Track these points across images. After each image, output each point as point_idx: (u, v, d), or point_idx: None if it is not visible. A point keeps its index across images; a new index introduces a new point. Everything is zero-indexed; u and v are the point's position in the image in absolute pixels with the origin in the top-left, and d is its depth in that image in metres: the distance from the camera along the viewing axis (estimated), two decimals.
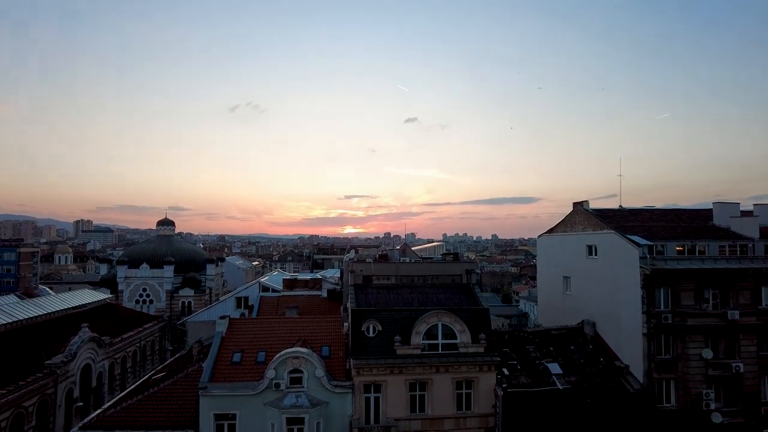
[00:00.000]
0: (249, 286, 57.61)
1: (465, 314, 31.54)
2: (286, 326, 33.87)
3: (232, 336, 32.09)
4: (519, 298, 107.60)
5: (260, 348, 31.17)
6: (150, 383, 35.30)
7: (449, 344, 30.83)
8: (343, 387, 29.25)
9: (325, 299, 47.03)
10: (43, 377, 37.53)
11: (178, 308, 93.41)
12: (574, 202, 41.78)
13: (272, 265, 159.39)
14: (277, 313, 42.97)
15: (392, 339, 30.36)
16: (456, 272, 37.72)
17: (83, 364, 43.57)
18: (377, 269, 37.58)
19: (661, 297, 33.00)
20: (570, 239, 41.10)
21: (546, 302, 46.05)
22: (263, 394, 28.33)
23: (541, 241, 46.38)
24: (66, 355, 40.61)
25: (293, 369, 28.81)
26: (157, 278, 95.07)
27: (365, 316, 31.17)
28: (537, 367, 33.11)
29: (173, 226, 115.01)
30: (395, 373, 29.92)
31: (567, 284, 41.32)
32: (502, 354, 32.80)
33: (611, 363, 33.70)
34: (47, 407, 37.92)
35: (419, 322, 30.59)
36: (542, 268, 47.18)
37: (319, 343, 31.79)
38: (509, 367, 32.67)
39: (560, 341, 35.84)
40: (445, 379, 30.30)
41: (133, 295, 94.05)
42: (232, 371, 29.53)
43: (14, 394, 33.94)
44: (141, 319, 63.98)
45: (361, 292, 34.47)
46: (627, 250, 33.88)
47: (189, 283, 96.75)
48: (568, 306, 40.77)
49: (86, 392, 43.68)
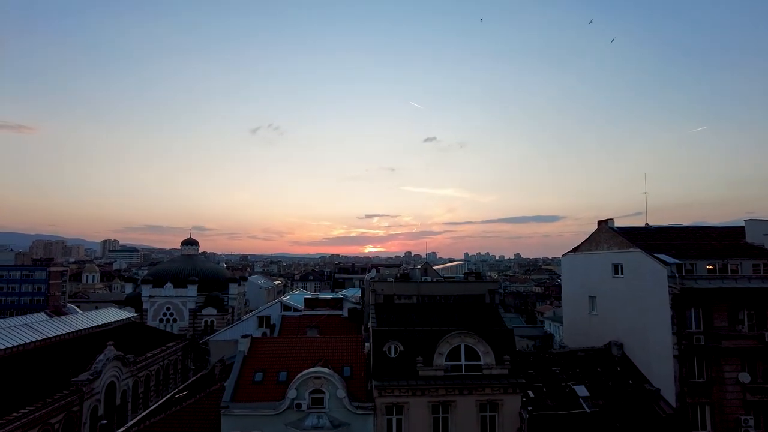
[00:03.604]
0: (271, 306, 57.83)
1: (489, 335, 30.99)
2: (307, 346, 33.76)
3: (254, 355, 32.11)
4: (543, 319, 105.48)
5: (282, 367, 31.08)
6: (173, 402, 35.44)
7: (473, 366, 30.27)
8: (365, 408, 28.88)
9: (346, 319, 46.90)
10: (70, 394, 38.02)
11: (200, 327, 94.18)
12: (598, 220, 41.15)
13: (293, 284, 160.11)
14: (299, 332, 42.94)
15: (414, 360, 29.97)
16: (479, 292, 37.26)
17: (108, 381, 44.04)
18: (398, 289, 37.38)
19: (692, 318, 31.96)
20: (595, 258, 40.31)
21: (571, 323, 45.04)
22: (285, 414, 28.16)
23: (565, 260, 45.61)
24: (92, 373, 41.14)
25: (315, 389, 28.61)
26: (180, 297, 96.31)
27: (387, 337, 30.89)
28: (563, 389, 32.23)
29: (197, 245, 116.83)
30: (417, 395, 29.45)
31: (593, 304, 40.42)
32: (527, 376, 32.06)
33: (641, 386, 32.61)
34: (73, 424, 38.31)
35: (442, 343, 30.15)
36: (567, 288, 46.29)
37: (340, 364, 31.55)
38: (534, 390, 31.87)
39: (586, 363, 34.91)
40: (469, 401, 29.68)
41: (157, 313, 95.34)
42: (253, 391, 29.47)
43: (41, 411, 34.44)
44: (164, 337, 64.61)
45: (382, 312, 34.25)
46: (654, 269, 33.04)
47: (212, 302, 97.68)
48: (594, 326, 39.81)
49: (110, 410, 44.04)
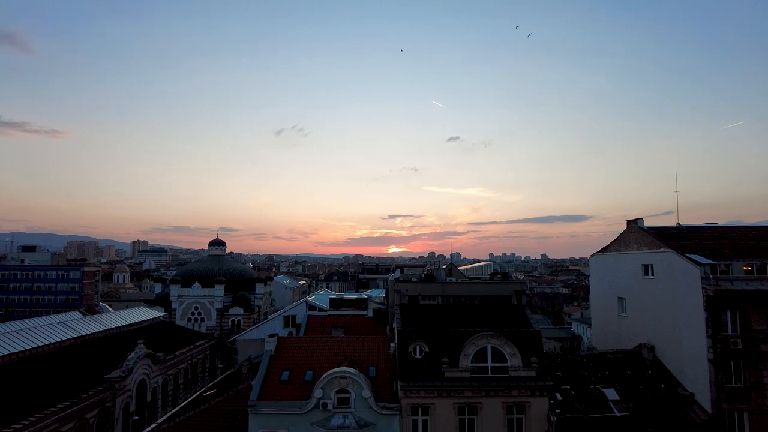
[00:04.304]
0: (296, 305, 58.31)
1: (515, 337, 30.61)
2: (332, 346, 33.95)
3: (281, 354, 32.44)
4: (571, 320, 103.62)
5: (308, 367, 31.33)
6: (201, 400, 36.10)
7: (499, 367, 29.94)
8: (391, 409, 28.86)
9: (371, 319, 46.97)
10: (103, 391, 39.11)
11: (227, 326, 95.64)
12: (627, 219, 40.29)
13: (318, 284, 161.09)
14: (324, 332, 43.24)
15: (440, 361, 29.81)
16: (505, 293, 36.80)
17: (139, 379, 45.12)
18: (423, 289, 37.20)
19: (727, 320, 30.94)
20: (624, 258, 39.44)
21: (600, 324, 44.16)
22: (311, 413, 28.36)
23: (593, 261, 44.76)
24: (123, 371, 42.20)
25: (340, 389, 28.73)
26: (208, 297, 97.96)
27: (412, 337, 30.81)
28: (592, 392, 31.62)
29: (224, 246, 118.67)
30: (443, 396, 29.28)
31: (622, 305, 39.56)
32: (555, 378, 31.56)
33: (674, 390, 31.74)
34: (106, 420, 39.38)
35: (468, 345, 29.92)
36: (595, 289, 45.40)
37: (365, 364, 31.61)
38: (562, 392, 31.36)
39: (616, 365, 34.18)
40: (496, 403, 29.37)
41: (186, 313, 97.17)
42: (280, 390, 29.77)
43: (77, 406, 35.52)
44: (193, 336, 65.88)
45: (407, 313, 34.18)
46: (687, 269, 32.13)
47: (239, 301, 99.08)
48: (623, 328, 38.96)
49: (141, 407, 45.11)
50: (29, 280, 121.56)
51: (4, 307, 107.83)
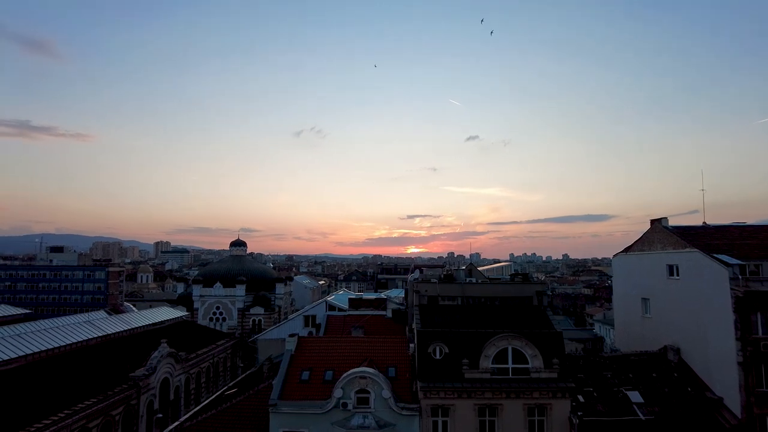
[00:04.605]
0: (316, 305, 58.65)
1: (537, 338, 30.27)
2: (352, 346, 34.03)
3: (301, 354, 32.65)
4: (593, 321, 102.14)
5: (328, 367, 31.46)
6: (223, 398, 36.55)
7: (520, 369, 29.64)
8: (410, 409, 28.80)
9: (390, 319, 46.97)
10: (128, 388, 39.88)
11: (248, 326, 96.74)
12: (651, 219, 39.53)
13: (337, 284, 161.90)
14: (343, 332, 43.38)
15: (460, 362, 29.65)
16: (526, 294, 36.43)
17: (162, 377, 45.88)
18: (442, 290, 37.04)
19: (758, 322, 30.04)
20: (648, 258, 38.67)
21: (623, 326, 43.38)
22: (331, 413, 28.48)
23: (616, 261, 44.01)
24: (147, 369, 42.97)
25: (360, 389, 28.78)
26: (229, 297, 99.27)
27: (431, 338, 30.70)
28: (615, 395, 31.07)
29: (245, 246, 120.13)
30: (464, 397, 29.11)
31: (646, 306, 38.79)
32: (577, 380, 31.10)
33: (701, 394, 31.00)
34: (131, 417, 40.15)
35: (488, 346, 29.69)
36: (618, 290, 44.63)
37: (385, 364, 31.61)
38: (585, 394, 30.88)
39: (640, 368, 33.52)
40: (516, 405, 29.08)
41: (207, 312, 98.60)
42: (300, 389, 29.96)
43: (104, 403, 36.31)
44: (214, 336, 66.75)
45: (426, 313, 34.07)
46: (714, 270, 31.35)
47: (259, 301, 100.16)
48: (647, 330, 38.20)
49: (165, 405, 45.87)
50: (57, 279, 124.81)
51: (34, 305, 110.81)
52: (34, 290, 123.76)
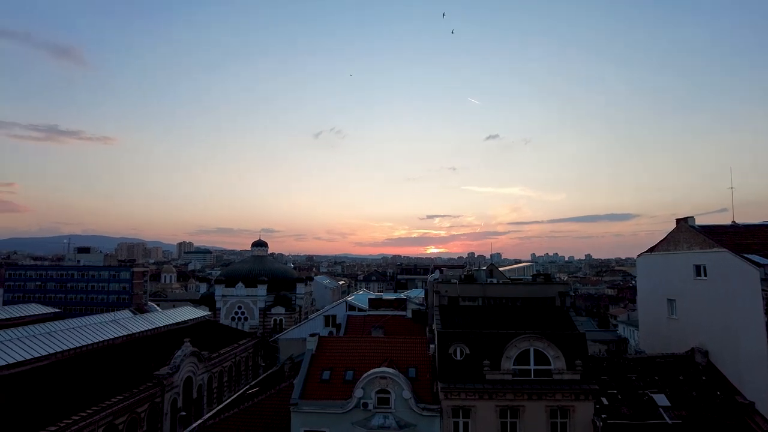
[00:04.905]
0: (336, 305, 58.93)
1: (559, 339, 29.86)
2: (372, 346, 34.07)
3: (322, 354, 32.82)
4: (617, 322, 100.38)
5: (348, 367, 31.55)
6: (245, 397, 36.96)
7: (542, 370, 29.27)
8: (431, 410, 28.70)
9: (410, 320, 46.91)
10: (152, 386, 40.62)
11: (270, 325, 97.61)
12: (677, 218, 38.63)
13: (357, 284, 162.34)
14: (363, 332, 43.47)
15: (481, 363, 29.42)
16: (548, 294, 35.95)
17: (185, 376, 46.61)
18: (463, 290, 36.79)
19: None
20: (674, 259, 37.81)
21: (648, 327, 42.51)
22: (351, 413, 28.54)
23: (640, 261, 43.12)
24: (171, 367, 43.70)
25: (380, 389, 28.78)
26: (251, 297, 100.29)
27: (452, 339, 30.54)
28: (640, 397, 30.44)
29: (266, 246, 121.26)
30: (485, 398, 28.87)
31: (672, 308, 37.93)
32: (600, 382, 30.56)
33: (731, 398, 30.17)
34: (156, 414, 40.90)
35: (510, 347, 29.41)
36: (643, 290, 43.76)
37: (405, 365, 31.57)
38: (608, 397, 30.34)
39: (666, 370, 32.78)
40: (539, 407, 28.73)
41: (229, 312, 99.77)
42: (321, 389, 30.11)
43: (130, 401, 37.08)
44: (236, 335, 67.54)
45: (446, 314, 33.89)
46: (744, 270, 30.48)
47: (280, 301, 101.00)
48: (673, 331, 37.34)
49: (188, 403, 46.61)
50: (85, 279, 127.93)
51: (63, 305, 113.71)
52: (63, 290, 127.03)
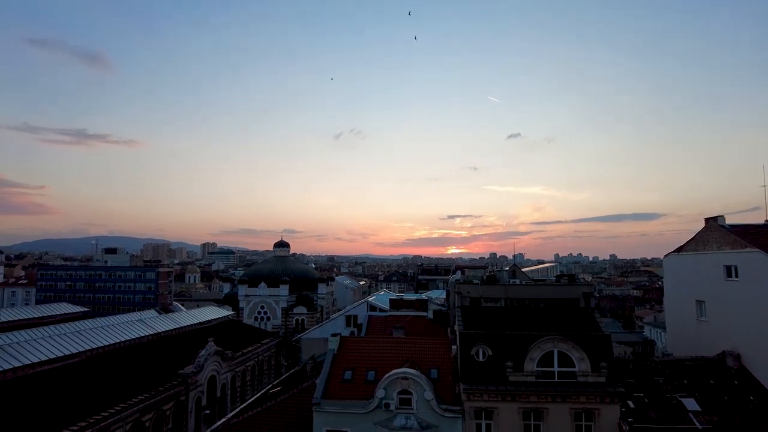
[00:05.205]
0: (357, 305, 59.00)
1: (584, 341, 29.36)
2: (394, 346, 34.00)
3: (343, 354, 32.89)
4: (643, 324, 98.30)
5: (370, 367, 31.54)
6: (268, 396, 37.30)
7: (566, 372, 28.81)
8: (453, 411, 28.52)
9: (431, 321, 46.70)
10: (178, 385, 41.34)
11: (292, 325, 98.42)
12: (705, 217, 37.66)
13: (378, 285, 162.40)
14: (385, 332, 43.45)
15: (503, 364, 29.11)
16: (572, 295, 35.41)
17: (209, 375, 47.29)
18: (485, 291, 36.50)
19: None
20: (703, 259, 36.84)
21: (676, 329, 41.54)
22: (373, 413, 28.54)
23: (668, 261, 42.14)
24: (195, 366, 44.39)
25: (402, 390, 28.71)
26: (273, 296, 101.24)
27: (474, 340, 30.30)
28: (668, 401, 29.73)
29: (288, 247, 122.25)
30: (507, 400, 28.57)
31: (701, 309, 36.96)
32: (626, 385, 29.96)
33: (765, 403, 29.23)
34: (181, 412, 41.60)
35: (533, 348, 29.03)
36: (670, 291, 42.73)
37: (427, 365, 31.42)
38: (635, 400, 29.71)
39: (696, 374, 31.94)
40: (563, 409, 28.29)
41: (252, 312, 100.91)
42: (343, 389, 30.18)
43: (156, 398, 37.81)
44: (259, 335, 68.29)
45: (468, 315, 33.65)
46: None
47: (302, 301, 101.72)
48: (703, 334, 36.38)
49: (212, 401, 47.28)
50: (112, 279, 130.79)
51: (91, 304, 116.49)
52: (91, 289, 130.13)
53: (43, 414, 30.57)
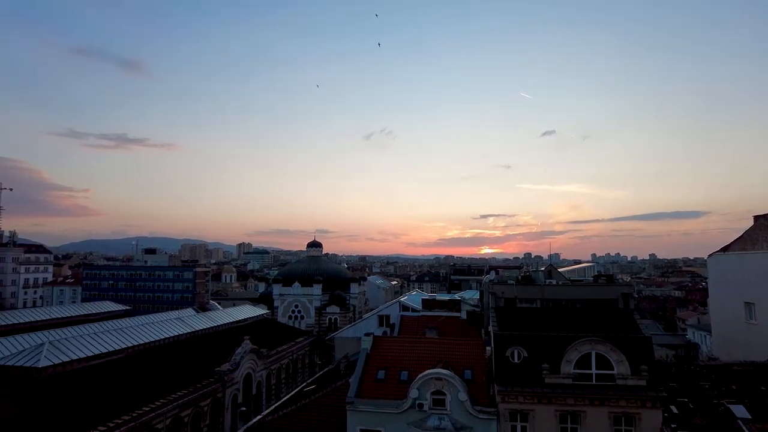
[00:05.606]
0: (390, 305, 59.08)
1: (623, 343, 28.47)
2: (427, 347, 33.85)
3: (376, 353, 32.94)
4: (685, 326, 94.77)
5: (403, 367, 31.48)
6: (302, 395, 37.72)
7: (605, 375, 28.01)
8: (488, 413, 28.15)
9: (465, 321, 46.26)
10: (215, 382, 42.25)
11: (325, 324, 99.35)
12: (755, 215, 36.02)
13: (410, 285, 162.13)
14: (417, 332, 43.28)
15: (539, 366, 28.54)
16: (610, 296, 34.43)
17: (245, 373, 48.15)
18: (520, 292, 35.90)
19: None
20: (752, 259, 35.25)
21: (722, 332, 39.86)
22: (407, 413, 28.46)
23: (712, 261, 40.51)
24: (232, 364, 45.26)
25: (436, 390, 28.53)
26: (307, 296, 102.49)
27: (509, 341, 29.82)
28: (715, 407, 28.46)
29: (321, 247, 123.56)
30: (543, 402, 28.00)
31: (750, 311, 35.39)
32: (669, 389, 28.86)
33: None
34: (218, 409, 42.51)
35: (570, 350, 28.34)
36: (716, 292, 41.09)
37: (461, 366, 31.14)
38: (678, 405, 28.59)
39: (745, 379, 30.48)
40: (601, 413, 27.51)
41: (287, 310, 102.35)
42: (376, 388, 30.22)
43: (194, 395, 38.76)
44: (293, 333, 69.14)
45: (503, 316, 33.18)
46: None
47: (335, 300, 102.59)
48: (752, 337, 34.84)
49: (248, 399, 48.13)
50: (151, 279, 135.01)
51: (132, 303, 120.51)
52: (132, 288, 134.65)
53: (89, 407, 31.76)
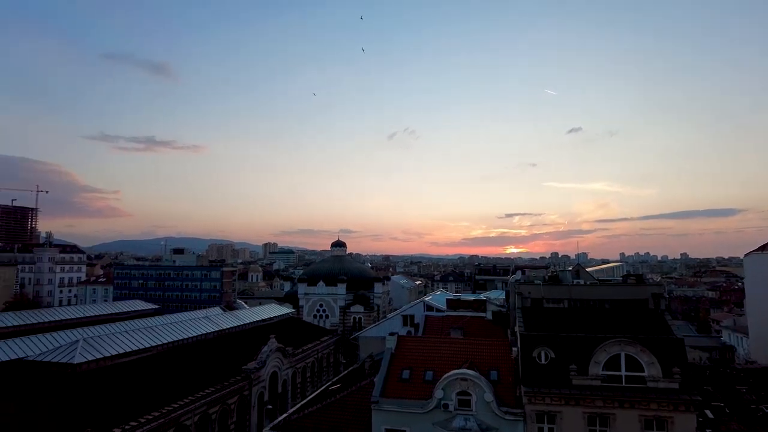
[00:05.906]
0: (414, 305, 58.83)
1: (654, 344, 27.73)
2: (452, 347, 33.60)
3: (401, 353, 32.85)
4: (720, 328, 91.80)
5: (427, 367, 31.33)
6: (327, 393, 37.87)
7: (634, 377, 27.33)
8: (514, 414, 27.78)
9: (490, 321, 45.79)
10: (241, 380, 42.83)
11: (349, 323, 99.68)
12: None
13: (434, 284, 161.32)
14: (442, 332, 43.03)
15: (566, 367, 28.02)
16: (640, 297, 33.57)
17: (271, 371, 48.67)
18: (547, 292, 35.31)
19: None
20: None
21: (760, 334, 38.51)
22: (432, 413, 28.31)
23: (749, 261, 39.16)
24: (258, 362, 45.81)
25: (461, 391, 28.31)
26: (331, 295, 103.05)
27: (536, 342, 29.38)
28: (753, 412, 27.58)
29: (345, 247, 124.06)
30: (571, 404, 27.48)
31: None
32: (703, 393, 28.04)
33: None
34: (244, 406, 43.08)
35: (598, 351, 27.74)
36: (753, 293, 39.72)
37: (486, 367, 30.80)
38: (714, 410, 27.77)
39: None
40: (631, 416, 26.83)
41: (312, 309, 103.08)
42: (401, 388, 30.14)
43: (222, 392, 39.40)
44: (318, 332, 69.62)
45: (530, 316, 32.69)
46: None
47: (359, 300, 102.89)
48: None
49: (273, 396, 48.64)
50: (180, 278, 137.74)
51: (161, 302, 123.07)
52: (161, 288, 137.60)
53: (121, 402, 32.57)
